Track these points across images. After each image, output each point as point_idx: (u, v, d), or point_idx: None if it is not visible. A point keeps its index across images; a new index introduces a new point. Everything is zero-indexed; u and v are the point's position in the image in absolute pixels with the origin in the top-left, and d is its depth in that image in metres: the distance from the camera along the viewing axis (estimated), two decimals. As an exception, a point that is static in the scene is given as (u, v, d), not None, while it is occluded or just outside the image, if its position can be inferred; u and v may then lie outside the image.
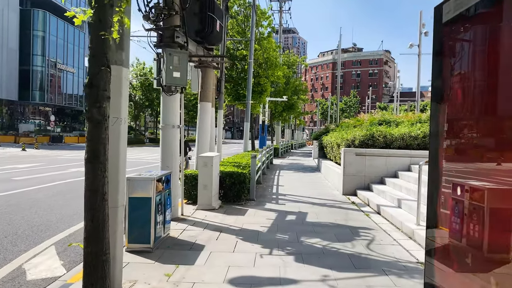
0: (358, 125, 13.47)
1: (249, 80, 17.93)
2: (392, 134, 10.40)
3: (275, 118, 34.20)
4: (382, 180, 9.98)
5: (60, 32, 58.82)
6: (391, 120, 11.75)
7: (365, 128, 10.90)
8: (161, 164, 7.08)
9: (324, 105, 79.28)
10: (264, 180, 13.12)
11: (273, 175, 14.80)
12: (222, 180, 8.55)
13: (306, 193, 10.39)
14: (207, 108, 9.10)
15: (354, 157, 10.09)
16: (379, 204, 7.96)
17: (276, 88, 29.01)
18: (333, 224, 6.84)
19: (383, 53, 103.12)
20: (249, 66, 17.89)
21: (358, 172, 10.10)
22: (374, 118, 12.39)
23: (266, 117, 25.95)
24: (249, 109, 18.14)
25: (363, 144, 10.45)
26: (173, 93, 6.96)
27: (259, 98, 20.13)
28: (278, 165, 20.14)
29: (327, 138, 14.69)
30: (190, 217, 7.24)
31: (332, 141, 13.06)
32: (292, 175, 14.95)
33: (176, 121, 7.07)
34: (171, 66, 6.72)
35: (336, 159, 12.97)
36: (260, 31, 20.06)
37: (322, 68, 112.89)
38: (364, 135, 10.46)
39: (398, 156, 10.03)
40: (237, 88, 20.01)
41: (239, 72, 20.35)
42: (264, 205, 8.54)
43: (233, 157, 13.26)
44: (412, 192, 7.87)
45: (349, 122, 14.94)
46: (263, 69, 19.82)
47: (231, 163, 10.65)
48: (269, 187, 11.56)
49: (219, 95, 11.53)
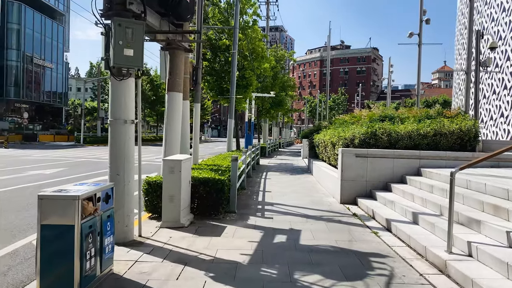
0: (355, 121, 11.96)
1: (233, 73, 16.26)
2: (397, 131, 8.89)
3: (262, 116, 32.60)
4: (387, 186, 8.46)
5: (36, 25, 56.02)
6: (394, 116, 10.24)
7: (366, 125, 9.36)
8: (109, 171, 5.39)
9: (312, 103, 78.08)
10: (249, 184, 11.50)
11: (260, 178, 13.19)
12: (195, 189, 6.90)
13: (297, 201, 8.81)
14: (177, 99, 7.42)
15: (354, 159, 8.54)
16: (388, 219, 6.41)
17: (263, 83, 27.40)
18: (334, 248, 5.26)
19: (371, 50, 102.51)
20: (233, 57, 16.22)
21: (358, 177, 8.56)
22: (373, 113, 10.88)
23: (252, 114, 24.32)
24: (233, 105, 16.48)
25: (364, 143, 8.92)
26: (125, 77, 5.27)
27: (244, 93, 18.46)
28: (265, 166, 18.53)
29: (320, 137, 13.15)
30: (150, 238, 5.58)
31: (326, 140, 11.51)
32: (281, 178, 13.36)
33: (130, 114, 5.39)
34: (121, 41, 5.04)
35: (330, 160, 11.42)
36: (245, 20, 18.40)
37: (310, 66, 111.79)
38: (365, 133, 8.92)
39: (406, 158, 8.52)
40: (220, 82, 18.31)
41: (222, 64, 18.64)
42: (247, 219, 6.92)
43: (214, 158, 11.61)
44: (430, 204, 6.35)
45: (343, 119, 13.42)
46: (248, 61, 18.17)
47: (210, 167, 9.00)
48: (254, 193, 9.94)
49: (196, 86, 9.85)
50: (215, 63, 18.57)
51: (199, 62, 9.86)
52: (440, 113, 9.58)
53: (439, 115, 9.53)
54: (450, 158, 8.50)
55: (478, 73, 9.28)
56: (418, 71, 16.39)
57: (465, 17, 22.99)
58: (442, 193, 6.63)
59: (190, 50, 7.65)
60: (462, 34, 22.37)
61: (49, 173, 13.96)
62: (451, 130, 8.71)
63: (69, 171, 14.86)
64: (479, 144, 9.03)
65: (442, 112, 9.58)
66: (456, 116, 9.32)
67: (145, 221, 6.61)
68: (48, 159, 20.29)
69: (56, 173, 14.05)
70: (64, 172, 14.48)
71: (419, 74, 16.42)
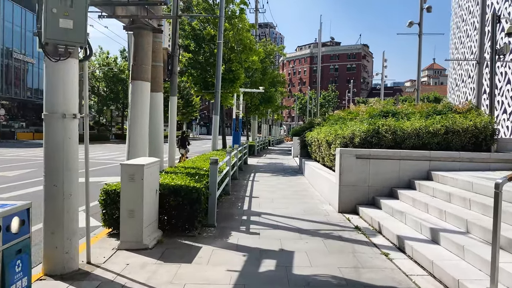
0: (352, 118, 10.80)
1: (218, 65, 14.98)
2: (403, 129, 7.73)
3: (251, 112, 31.34)
4: (392, 192, 7.31)
5: (16, 18, 53.71)
6: (398, 111, 9.09)
7: (367, 122, 8.19)
8: (44, 182, 4.11)
9: (303, 100, 77.08)
10: (234, 188, 10.27)
11: (247, 180, 11.96)
12: (165, 200, 5.65)
13: (288, 209, 7.60)
14: (143, 90, 6.15)
15: (354, 160, 7.36)
16: (400, 235, 5.24)
17: (252, 78, 26.13)
18: (338, 281, 4.06)
19: (361, 47, 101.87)
20: (218, 48, 14.94)
21: (359, 181, 7.39)
22: (373, 108, 9.72)
23: (240, 111, 23.06)
24: (218, 100, 15.20)
25: (365, 142, 7.75)
26: (62, 57, 3.99)
27: (231, 87, 17.18)
28: (253, 165, 17.31)
29: (313, 135, 11.97)
30: (101, 267, 4.32)
31: (320, 138, 10.32)
32: (270, 180, 12.14)
33: (70, 106, 4.11)
34: (55, 9, 3.78)
35: (325, 161, 10.25)
36: (232, 9, 17.10)
37: (299, 62, 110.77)
38: (366, 131, 7.75)
39: (414, 159, 7.38)
40: (205, 75, 17.00)
41: (207, 56, 17.32)
42: (228, 235, 5.69)
43: (195, 159, 10.35)
44: (450, 217, 5.20)
45: (338, 115, 12.26)
46: (236, 53, 16.89)
47: (187, 170, 7.74)
48: (240, 199, 8.70)
49: (172, 77, 8.56)
50: (199, 55, 17.26)
51: (176, 48, 8.57)
52: (450, 108, 8.47)
53: (448, 110, 8.41)
54: (464, 159, 7.39)
55: (494, 62, 8.20)
56: (419, 63, 15.24)
57: (463, 9, 22.09)
58: (464, 203, 5.49)
59: (159, 30, 6.37)
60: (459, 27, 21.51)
61: (12, 176, 12.53)
62: (465, 127, 7.59)
63: (37, 172, 13.42)
64: (495, 144, 7.94)
65: (452, 107, 8.47)
66: (468, 112, 8.22)
67: (102, 240, 5.35)
68: (19, 158, 18.76)
69: (21, 176, 12.63)
70: (31, 174, 13.04)
71: (419, 67, 15.26)
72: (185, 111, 63.67)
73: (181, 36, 16.87)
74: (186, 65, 17.38)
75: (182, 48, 17.43)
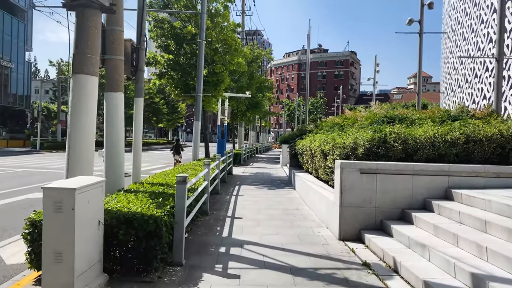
0: (348, 124, 9.52)
1: (199, 66, 13.61)
2: (415, 137, 6.44)
3: (237, 119, 29.93)
4: (404, 215, 5.99)
5: (-8, 21, 51.50)
6: (404, 117, 7.80)
7: (371, 129, 6.87)
8: None
9: (291, 106, 76.12)
10: (215, 205, 8.83)
11: (230, 195, 10.53)
12: (113, 231, 4.20)
13: (278, 236, 6.21)
14: (86, 87, 4.71)
15: (359, 176, 6.02)
16: (428, 281, 3.88)
17: (238, 83, 24.78)
18: None
19: (349, 54, 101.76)
20: (200, 47, 13.58)
21: (364, 201, 6.04)
22: (374, 114, 8.44)
23: (226, 117, 21.64)
24: (199, 104, 13.80)
25: (370, 153, 6.43)
26: None
27: (215, 91, 15.76)
28: (239, 176, 15.87)
29: (304, 143, 10.62)
30: None
31: (313, 147, 8.98)
32: (256, 195, 10.73)
33: None
34: None
35: (319, 174, 8.90)
36: (215, 8, 15.75)
37: (287, 69, 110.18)
38: (371, 140, 6.43)
39: (429, 174, 6.09)
40: (186, 78, 15.56)
41: (189, 57, 15.89)
42: (197, 281, 4.25)
43: (168, 172, 8.91)
44: (499, 258, 3.87)
45: (333, 121, 10.96)
46: (219, 55, 15.51)
47: (154, 187, 6.31)
48: (219, 221, 7.26)
49: (138, 74, 7.12)
50: (179, 56, 15.82)
51: (142, 40, 7.14)
52: (466, 112, 7.23)
53: (465, 115, 7.16)
54: (490, 174, 6.13)
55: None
56: (419, 65, 14.05)
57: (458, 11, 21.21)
58: (509, 236, 4.17)
59: (111, 10, 4.94)
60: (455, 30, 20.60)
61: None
62: (488, 136, 6.33)
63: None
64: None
65: (469, 112, 7.24)
66: (489, 116, 6.98)
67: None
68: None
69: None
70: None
71: (419, 68, 14.08)
72: (171, 118, 62.07)
73: (159, 36, 15.44)
74: (165, 67, 15.93)
75: (161, 49, 16.00)
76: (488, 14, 17.09)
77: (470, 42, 18.60)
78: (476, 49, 18.50)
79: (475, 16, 17.81)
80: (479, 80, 18.93)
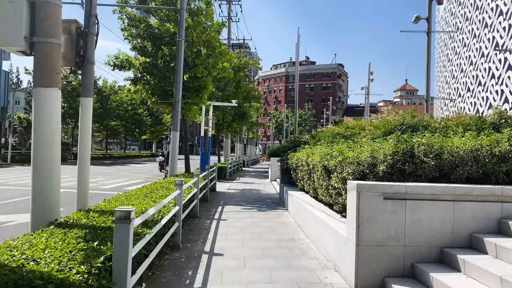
0: (352, 134, 7.94)
1: (177, 68, 11.97)
2: (452, 150, 4.86)
3: (223, 130, 28.22)
4: (444, 256, 4.36)
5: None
6: (428, 124, 6.23)
7: (393, 139, 5.26)
8: None
9: (278, 118, 74.92)
10: (189, 234, 7.09)
11: (210, 219, 8.79)
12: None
13: (270, 286, 4.49)
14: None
15: (382, 203, 4.39)
16: None
17: (224, 91, 23.18)
18: None
19: (336, 66, 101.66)
20: (178, 47, 11.97)
21: (389, 238, 4.40)
22: (386, 121, 6.86)
23: (210, 127, 19.92)
24: (177, 112, 12.10)
25: (394, 171, 4.82)
26: None
27: (196, 98, 14.08)
28: (223, 193, 14.11)
29: (300, 156, 8.98)
30: None
31: (313, 162, 7.33)
32: (242, 219, 9.00)
33: None
34: None
35: (319, 194, 7.25)
36: (198, 6, 14.18)
37: (275, 81, 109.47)
38: (394, 153, 4.82)
39: (476, 200, 4.49)
40: (165, 83, 13.87)
41: (167, 60, 14.22)
42: None
43: (131, 193, 7.17)
44: None
45: (332, 131, 9.36)
46: (202, 58, 13.89)
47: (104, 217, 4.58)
48: (192, 260, 5.51)
49: (85, 66, 5.42)
50: (157, 58, 14.14)
51: (92, 22, 5.47)
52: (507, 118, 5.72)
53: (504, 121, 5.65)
54: (556, 199, 4.57)
55: None
56: (428, 66, 12.63)
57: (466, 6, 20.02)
58: None
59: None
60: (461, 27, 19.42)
61: None
62: (548, 148, 4.79)
63: None
64: None
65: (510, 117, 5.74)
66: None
67: None
68: None
69: None
70: None
71: (428, 70, 12.62)
72: (155, 130, 59.98)
73: (134, 36, 13.77)
74: (141, 71, 14.22)
75: (137, 50, 14.32)
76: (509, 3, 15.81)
77: (482, 39, 17.33)
78: (492, 44, 17.12)
79: (489, 9, 16.57)
80: (496, 82, 17.49)
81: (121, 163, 38.30)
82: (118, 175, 22.93)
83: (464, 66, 18.64)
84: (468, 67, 18.08)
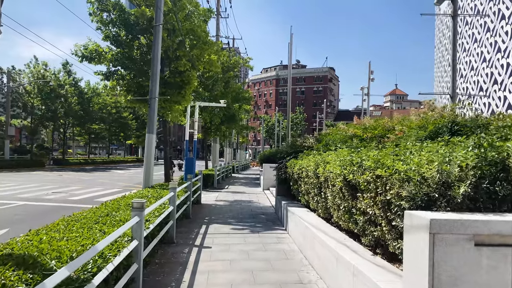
0: (374, 136, 6.07)
1: (154, 57, 10.02)
2: None
3: (211, 134, 26.19)
4: None
5: None
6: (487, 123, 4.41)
7: (474, 141, 3.39)
8: None
9: (269, 122, 73.16)
10: (158, 272, 5.12)
11: (190, 246, 6.82)
12: None
13: None
14: None
15: (473, 253, 2.50)
16: None
17: (212, 92, 21.25)
18: None
19: (327, 70, 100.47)
20: (155, 32, 10.02)
21: (487, 315, 2.50)
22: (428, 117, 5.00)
23: (196, 130, 17.93)
24: (154, 110, 10.11)
25: (481, 195, 2.92)
26: None
27: (179, 95, 12.11)
28: (209, 207, 12.12)
29: (304, 165, 7.07)
30: None
31: (327, 173, 5.41)
32: (231, 247, 7.04)
33: None
34: None
35: (337, 218, 5.33)
36: (181, -10, 12.27)
37: (265, 85, 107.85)
38: (475, 166, 2.94)
39: None
40: (141, 78, 11.89)
41: (144, 52, 12.24)
42: None
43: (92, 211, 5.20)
44: None
45: (344, 132, 7.48)
46: (185, 49, 11.95)
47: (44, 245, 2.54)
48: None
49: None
50: (133, 49, 12.15)
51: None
52: None
53: None
54: None
55: None
56: (453, 56, 10.92)
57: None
58: None
59: None
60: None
61: None
62: None
63: None
64: None
65: None
66: None
67: None
68: None
69: None
70: None
71: (454, 60, 10.89)
72: (141, 134, 57.52)
73: (105, 22, 11.75)
74: (114, 64, 12.20)
75: (109, 40, 12.30)
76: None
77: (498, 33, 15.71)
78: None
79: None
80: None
81: (102, 169, 35.99)
82: (95, 183, 20.79)
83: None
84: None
